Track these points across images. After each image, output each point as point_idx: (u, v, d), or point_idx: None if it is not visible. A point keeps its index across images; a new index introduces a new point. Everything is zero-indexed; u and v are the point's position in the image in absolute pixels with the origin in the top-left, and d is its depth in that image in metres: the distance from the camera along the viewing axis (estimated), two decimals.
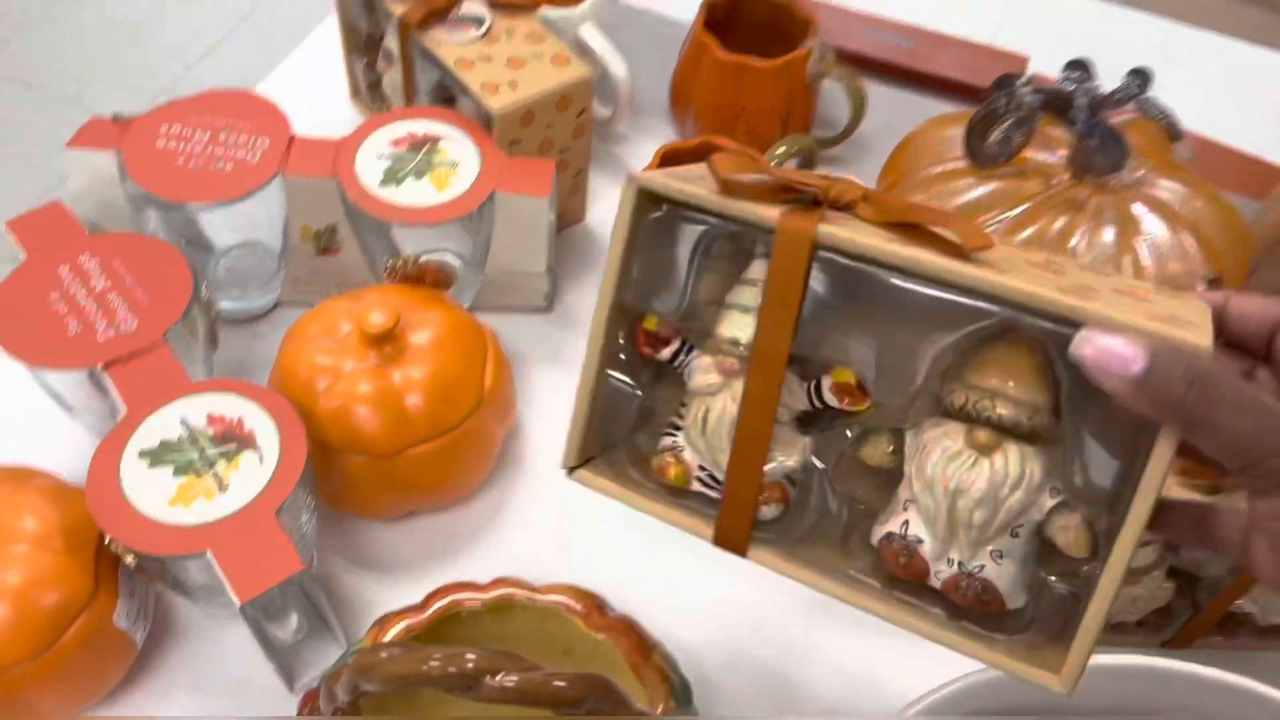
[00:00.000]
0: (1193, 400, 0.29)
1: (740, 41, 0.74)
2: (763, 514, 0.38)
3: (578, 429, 0.39)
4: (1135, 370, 0.29)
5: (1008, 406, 0.34)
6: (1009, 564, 0.35)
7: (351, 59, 0.75)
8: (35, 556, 0.46)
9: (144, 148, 0.58)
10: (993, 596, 0.35)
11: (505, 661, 0.35)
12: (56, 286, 0.53)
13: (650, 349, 0.39)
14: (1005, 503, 0.35)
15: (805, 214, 0.35)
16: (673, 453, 0.39)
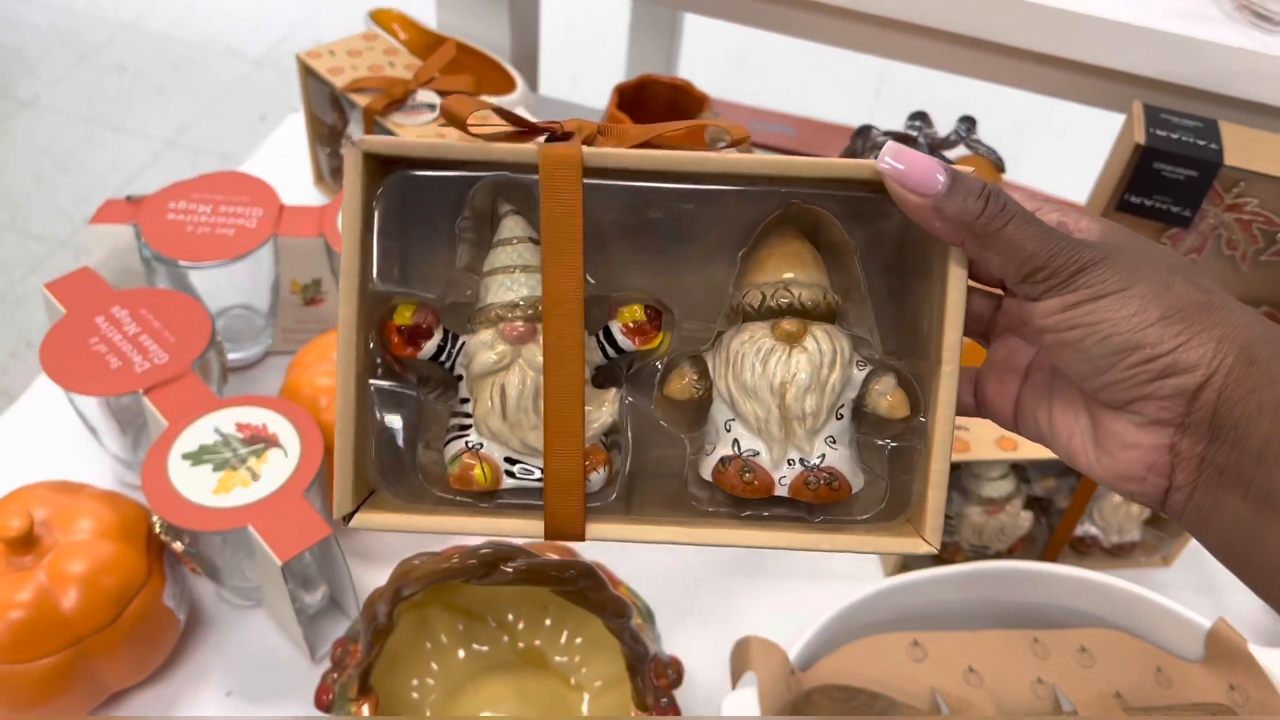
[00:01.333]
0: (987, 216, 0.31)
1: (647, 118, 0.89)
2: (590, 484, 0.35)
3: (345, 465, 0.34)
4: (939, 187, 0.31)
5: (804, 289, 0.35)
6: (843, 447, 0.36)
7: (316, 148, 0.87)
8: (98, 547, 0.55)
9: (157, 221, 0.69)
10: (840, 483, 0.35)
11: (513, 553, 0.46)
12: (95, 333, 0.62)
13: (410, 348, 0.35)
14: (828, 383, 0.35)
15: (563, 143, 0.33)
16: (471, 453, 0.35)
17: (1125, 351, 0.31)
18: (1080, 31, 0.74)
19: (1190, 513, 0.33)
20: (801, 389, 0.34)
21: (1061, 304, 0.32)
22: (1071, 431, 0.35)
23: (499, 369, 0.34)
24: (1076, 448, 0.34)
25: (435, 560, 0.46)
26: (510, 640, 0.60)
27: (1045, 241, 0.32)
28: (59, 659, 0.53)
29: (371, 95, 0.77)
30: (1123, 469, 0.33)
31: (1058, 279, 0.32)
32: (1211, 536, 0.33)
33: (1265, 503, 0.30)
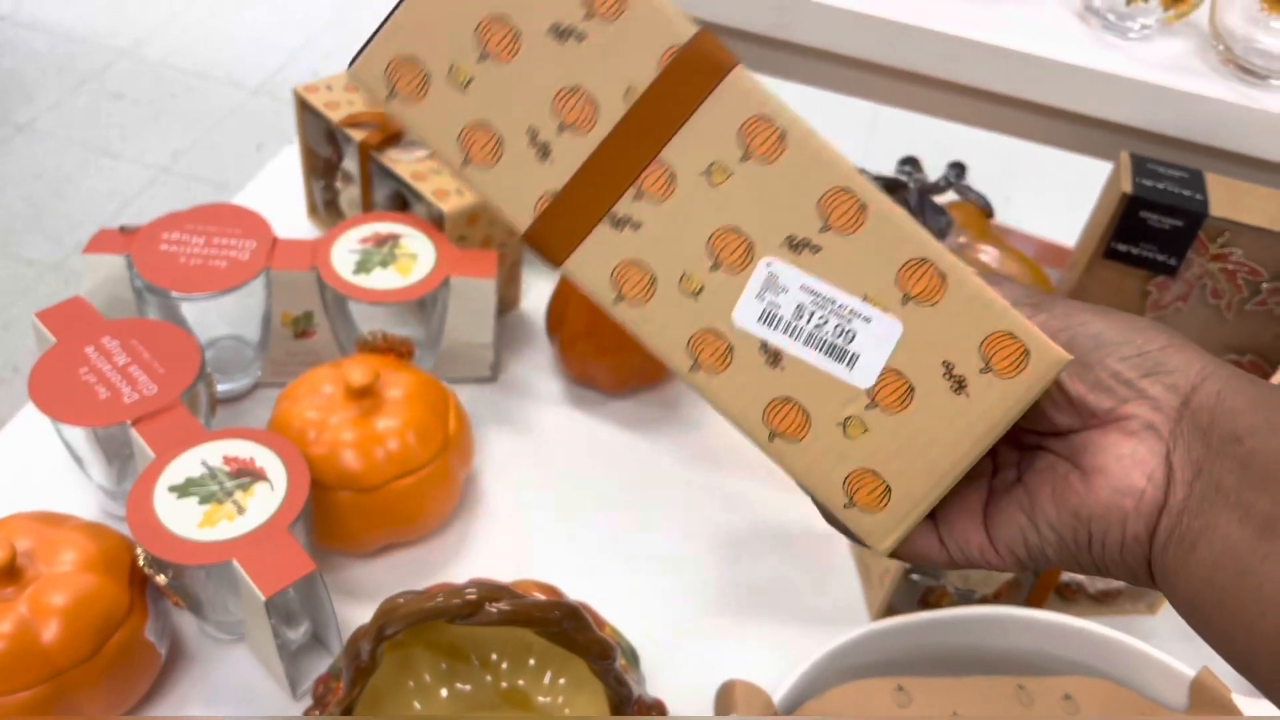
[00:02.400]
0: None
1: None
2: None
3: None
4: None
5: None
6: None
7: (311, 181, 0.87)
8: (80, 579, 0.54)
9: (150, 251, 0.69)
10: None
11: (497, 593, 0.45)
12: (85, 363, 0.62)
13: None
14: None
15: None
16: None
17: (1116, 345, 0.32)
18: (1069, 81, 0.75)
19: (1175, 542, 0.31)
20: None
21: (1050, 314, 0.33)
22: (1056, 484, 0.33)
23: None
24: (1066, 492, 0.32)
25: (420, 599, 0.45)
26: (493, 680, 0.60)
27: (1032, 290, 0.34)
28: (37, 692, 0.52)
29: (367, 130, 0.78)
30: (1119, 482, 0.31)
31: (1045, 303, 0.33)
32: (1195, 570, 0.30)
33: (1266, 528, 0.29)
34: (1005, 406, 0.31)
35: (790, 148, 0.30)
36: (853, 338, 0.31)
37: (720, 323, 0.31)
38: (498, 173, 0.31)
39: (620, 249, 0.30)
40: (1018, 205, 2.27)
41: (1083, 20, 0.78)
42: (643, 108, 0.29)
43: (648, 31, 0.29)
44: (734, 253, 0.30)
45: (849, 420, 0.31)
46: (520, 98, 0.30)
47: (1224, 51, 0.74)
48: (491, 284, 0.73)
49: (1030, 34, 0.76)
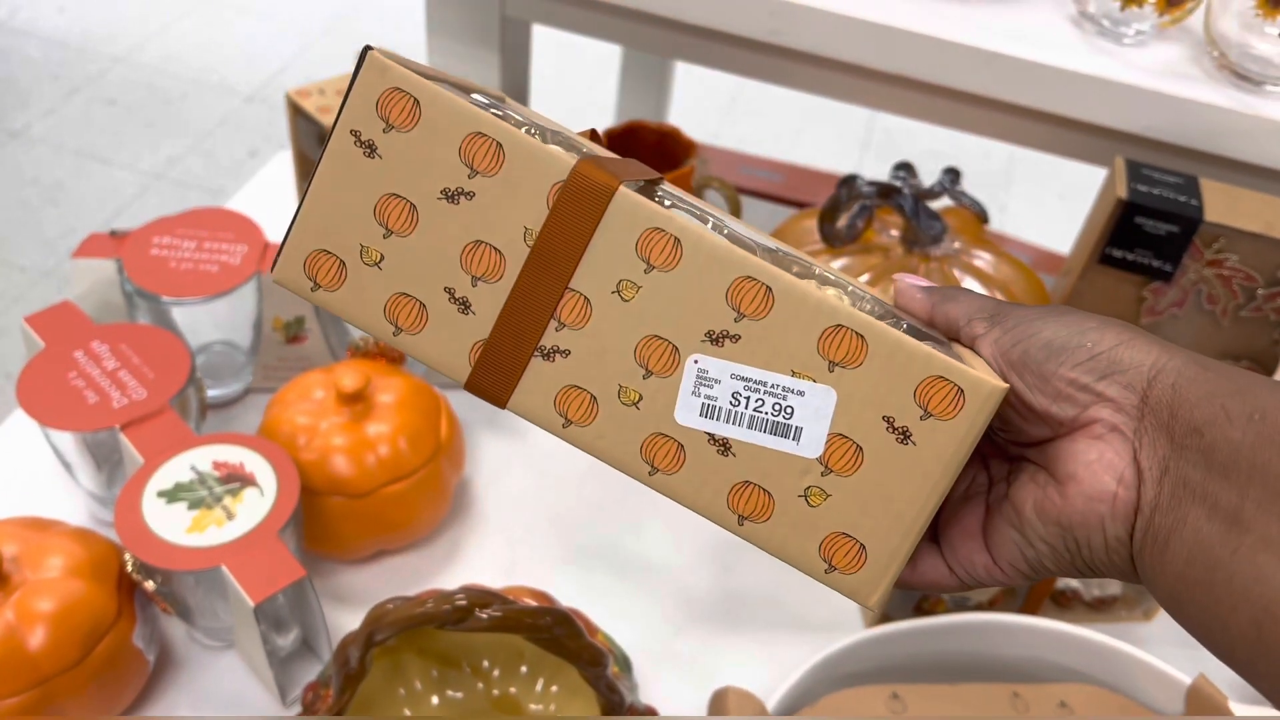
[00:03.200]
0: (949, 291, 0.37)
1: None
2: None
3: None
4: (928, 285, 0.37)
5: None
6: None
7: (303, 186, 0.87)
8: (67, 585, 0.54)
9: (140, 256, 0.69)
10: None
11: (488, 598, 0.45)
12: (74, 367, 0.62)
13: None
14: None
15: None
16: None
17: (1068, 351, 0.32)
18: (1064, 87, 0.75)
19: (1150, 541, 0.31)
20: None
21: (1001, 329, 0.34)
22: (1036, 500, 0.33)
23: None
24: (1045, 503, 0.33)
25: (409, 605, 0.45)
26: (485, 687, 0.60)
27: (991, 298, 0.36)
28: (23, 699, 0.52)
29: None
30: (1090, 488, 0.32)
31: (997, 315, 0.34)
32: (1169, 566, 0.30)
33: (1234, 521, 0.29)
34: (954, 447, 0.31)
35: (686, 251, 0.31)
36: (792, 413, 0.31)
37: (665, 425, 0.32)
38: (428, 335, 0.32)
39: (556, 378, 0.32)
40: (1012, 213, 2.27)
41: (1077, 26, 0.78)
42: (543, 245, 0.31)
43: (530, 175, 0.30)
44: (661, 358, 0.31)
45: (809, 490, 0.32)
46: (431, 263, 0.31)
47: (1219, 57, 0.74)
48: None
49: (1025, 39, 0.76)
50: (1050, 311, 0.34)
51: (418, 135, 0.30)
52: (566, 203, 0.30)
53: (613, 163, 0.33)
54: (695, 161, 0.87)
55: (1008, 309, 0.34)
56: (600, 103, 2.42)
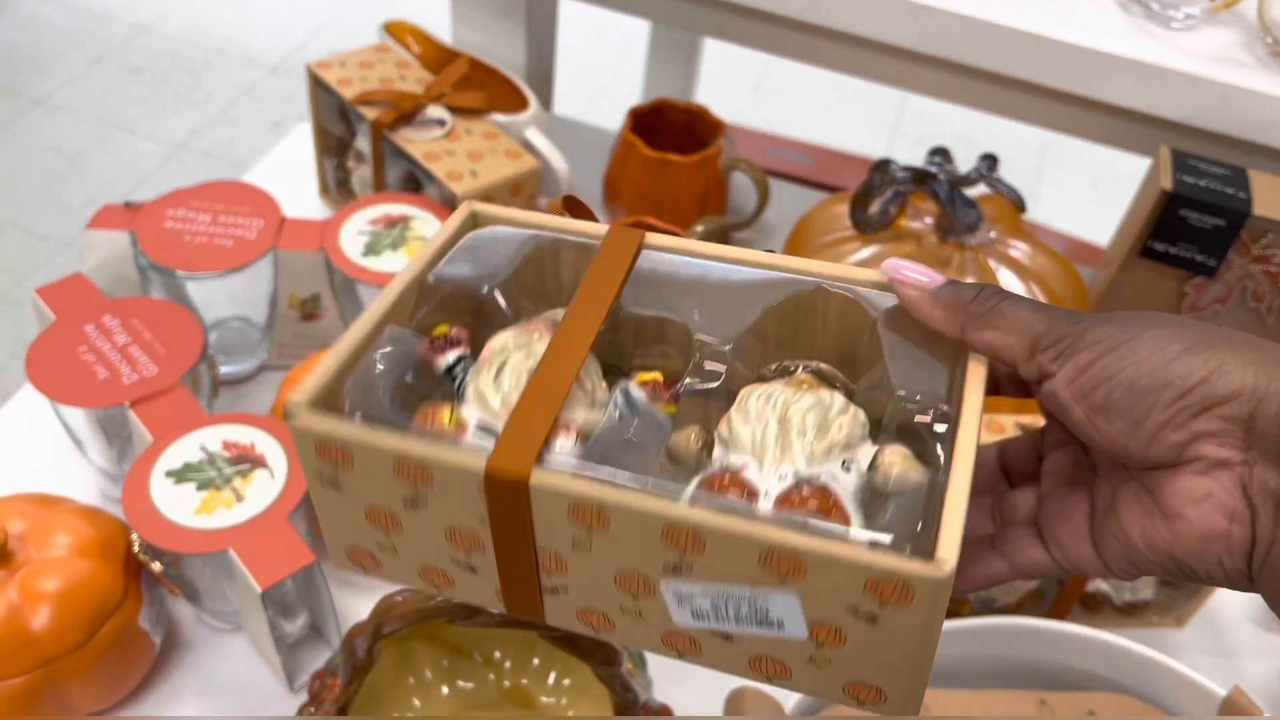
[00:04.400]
0: (981, 298, 0.32)
1: (661, 143, 0.87)
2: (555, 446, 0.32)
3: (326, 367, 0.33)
4: (937, 281, 0.33)
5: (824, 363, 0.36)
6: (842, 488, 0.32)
7: (323, 159, 0.85)
8: (73, 564, 0.53)
9: (154, 228, 0.67)
10: (835, 502, 0.31)
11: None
12: (84, 342, 0.61)
13: (435, 353, 0.36)
14: (834, 423, 0.33)
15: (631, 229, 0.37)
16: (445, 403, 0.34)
17: (1155, 392, 0.29)
18: (1108, 72, 0.72)
19: (1268, 571, 0.29)
20: (804, 408, 0.33)
21: (1076, 367, 0.31)
22: (1143, 526, 0.31)
23: (504, 351, 0.35)
24: (1154, 537, 0.31)
25: (419, 597, 0.44)
26: (496, 679, 0.58)
27: (1043, 311, 0.32)
28: (26, 680, 0.51)
29: (380, 109, 0.76)
30: (1202, 528, 0.30)
31: (1064, 343, 0.31)
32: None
33: None
34: (920, 622, 0.30)
35: (612, 516, 0.31)
36: (768, 611, 0.32)
37: (671, 626, 0.33)
38: (460, 589, 0.36)
39: (569, 605, 0.35)
40: (1043, 200, 2.23)
41: (1124, 8, 0.75)
42: (497, 528, 0.33)
43: (457, 483, 0.32)
44: (639, 586, 0.33)
45: (813, 658, 0.32)
46: (429, 545, 0.34)
47: (1273, 44, 0.71)
48: None
49: (1068, 21, 0.73)
50: (1123, 333, 0.31)
51: (359, 471, 0.33)
52: (495, 500, 0.32)
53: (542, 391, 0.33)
54: (723, 142, 0.84)
55: (1072, 334, 0.31)
56: (627, 80, 2.39)
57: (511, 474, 0.31)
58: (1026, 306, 0.32)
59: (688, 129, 0.89)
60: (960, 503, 0.30)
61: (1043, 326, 0.31)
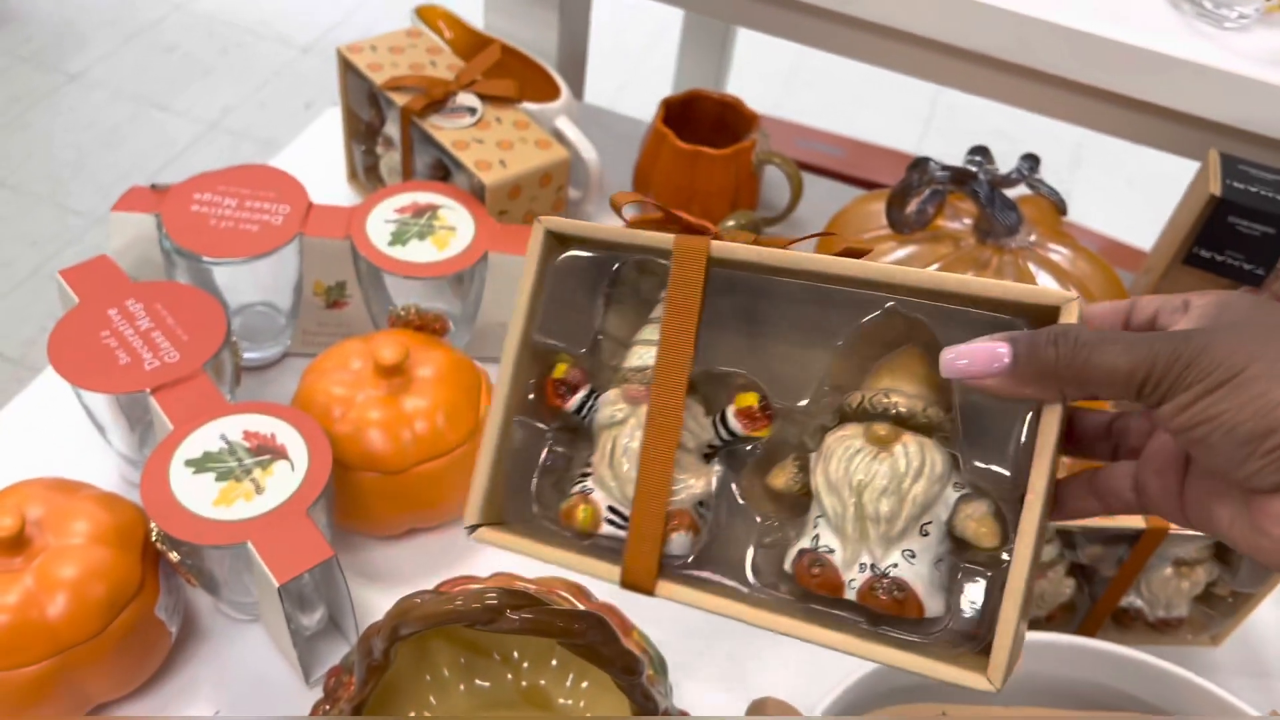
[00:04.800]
0: (1064, 358, 0.31)
1: (693, 135, 0.86)
2: (672, 544, 0.37)
3: (481, 483, 0.39)
4: (1005, 360, 0.32)
5: (902, 398, 0.35)
6: (921, 565, 0.34)
7: (351, 145, 0.84)
8: (90, 552, 0.52)
9: (180, 212, 0.67)
10: (908, 596, 0.34)
11: (520, 599, 0.42)
12: (107, 325, 0.60)
13: (559, 399, 0.39)
14: (910, 493, 0.34)
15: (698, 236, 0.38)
16: (581, 495, 0.39)
17: (1256, 439, 0.29)
18: (1156, 72, 0.70)
19: None
20: (878, 491, 0.34)
21: (1177, 406, 0.30)
22: (1232, 518, 0.32)
23: (615, 424, 0.38)
24: (1238, 534, 0.32)
25: (437, 601, 0.43)
26: (514, 678, 0.57)
27: (1138, 352, 0.31)
28: (41, 668, 0.50)
29: (410, 94, 0.75)
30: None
31: (1166, 383, 0.31)
32: None
33: None
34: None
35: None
36: None
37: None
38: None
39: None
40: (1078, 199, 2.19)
41: (1175, 7, 0.73)
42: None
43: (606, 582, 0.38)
44: None
45: None
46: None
47: None
48: None
49: (1115, 19, 0.71)
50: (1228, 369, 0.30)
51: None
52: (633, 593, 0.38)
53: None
54: (756, 135, 0.83)
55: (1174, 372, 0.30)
56: (658, 67, 2.37)
57: (642, 588, 0.37)
58: (1119, 349, 0.31)
59: (720, 120, 0.87)
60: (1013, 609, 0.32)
61: (1142, 370, 0.31)
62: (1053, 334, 0.31)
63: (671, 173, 0.83)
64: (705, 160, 0.81)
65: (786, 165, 0.82)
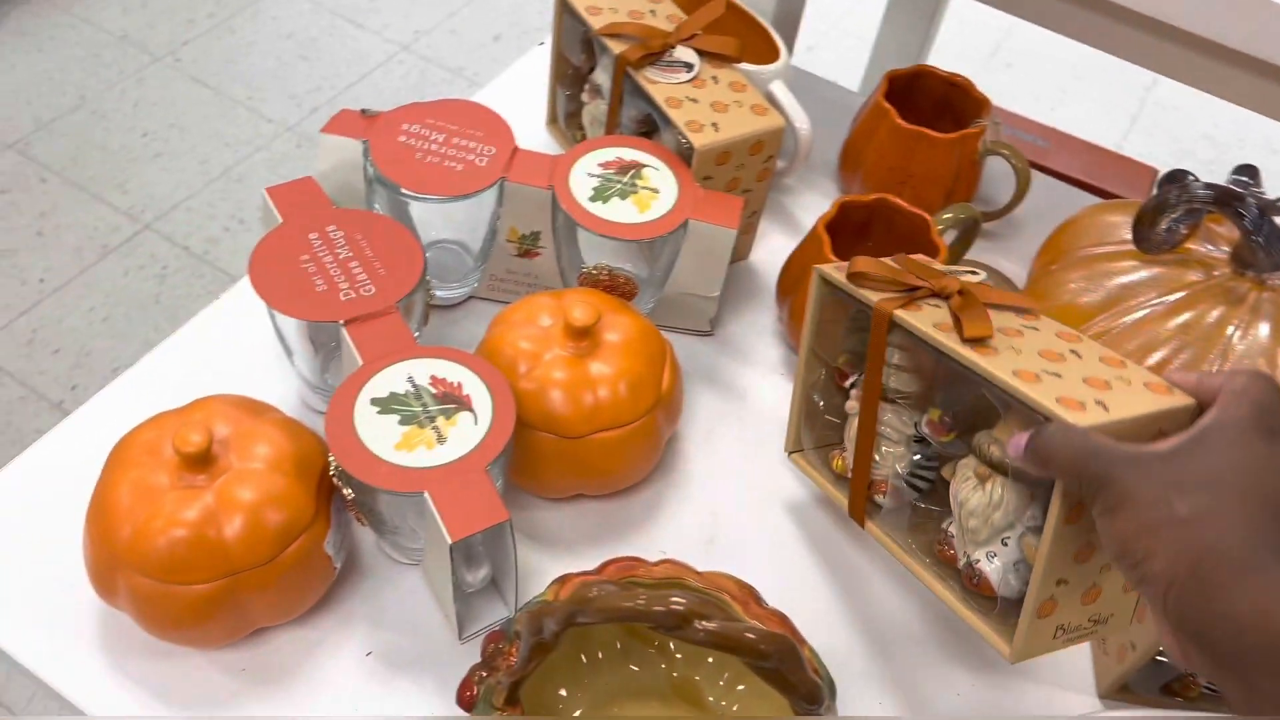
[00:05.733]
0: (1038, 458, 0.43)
1: (912, 114, 0.80)
2: (878, 500, 0.57)
3: (793, 425, 0.63)
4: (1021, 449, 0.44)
5: (999, 449, 0.49)
6: (998, 563, 0.50)
7: (556, 88, 0.82)
8: (269, 478, 0.52)
9: (388, 141, 0.66)
10: (982, 581, 0.50)
11: (709, 608, 0.40)
12: (307, 250, 0.60)
13: (840, 380, 0.61)
14: (990, 518, 0.49)
15: (895, 300, 0.53)
16: (839, 450, 0.60)
17: (1122, 557, 0.39)
18: None
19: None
20: (969, 513, 0.50)
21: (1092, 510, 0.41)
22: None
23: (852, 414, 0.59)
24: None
25: (619, 595, 0.40)
26: (667, 668, 0.55)
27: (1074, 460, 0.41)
28: (212, 587, 0.50)
29: (627, 43, 0.72)
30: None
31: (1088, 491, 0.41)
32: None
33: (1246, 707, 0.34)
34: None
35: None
36: None
37: None
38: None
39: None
40: None
41: None
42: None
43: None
44: None
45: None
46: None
47: None
48: (731, 235, 0.66)
49: None
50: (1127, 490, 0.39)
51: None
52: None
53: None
54: (986, 122, 0.76)
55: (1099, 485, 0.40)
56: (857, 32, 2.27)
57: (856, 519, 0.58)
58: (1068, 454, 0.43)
59: (946, 102, 0.81)
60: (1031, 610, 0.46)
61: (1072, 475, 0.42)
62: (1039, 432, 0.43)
63: (887, 152, 0.77)
64: (927, 143, 0.75)
65: (1016, 159, 0.76)
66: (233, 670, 0.55)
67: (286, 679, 0.55)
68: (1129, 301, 0.62)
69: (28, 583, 0.57)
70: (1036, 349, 0.49)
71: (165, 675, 0.54)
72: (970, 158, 0.76)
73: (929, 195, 0.77)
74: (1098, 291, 0.63)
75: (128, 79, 2.02)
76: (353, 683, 0.55)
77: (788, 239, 0.80)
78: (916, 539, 0.56)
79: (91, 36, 2.08)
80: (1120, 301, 0.62)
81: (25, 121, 1.91)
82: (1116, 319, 0.62)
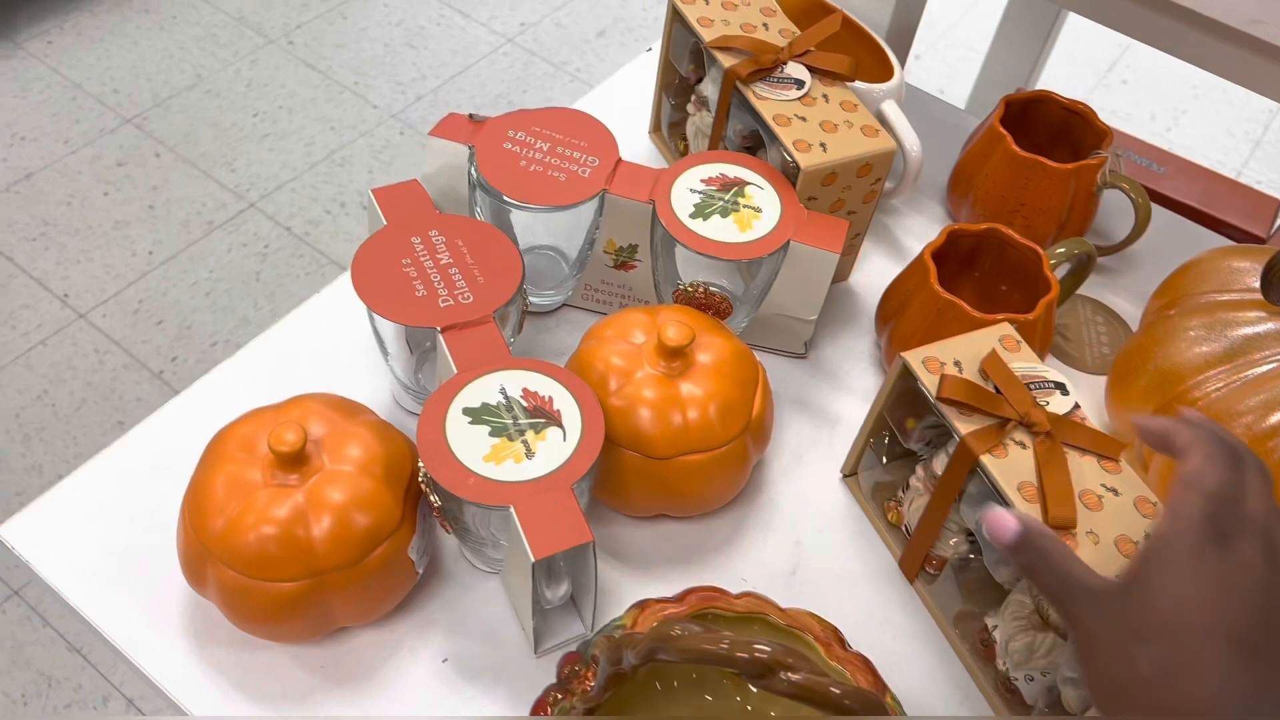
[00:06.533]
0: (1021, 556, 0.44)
1: (1027, 140, 0.77)
2: (929, 570, 0.61)
3: (855, 452, 0.64)
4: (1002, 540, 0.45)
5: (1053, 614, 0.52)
6: (1033, 686, 0.53)
7: (662, 97, 0.81)
8: (359, 481, 0.52)
9: (493, 147, 0.66)
10: (1017, 697, 0.55)
11: (794, 658, 0.39)
12: (409, 253, 0.60)
13: (905, 438, 0.62)
14: (1034, 655, 0.53)
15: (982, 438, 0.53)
16: (896, 502, 0.63)
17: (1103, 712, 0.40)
18: None
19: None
20: (1013, 648, 0.54)
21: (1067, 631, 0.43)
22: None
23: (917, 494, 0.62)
24: None
25: (704, 638, 0.39)
26: (741, 700, 0.54)
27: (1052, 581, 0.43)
28: (298, 585, 0.51)
29: (738, 58, 0.70)
30: None
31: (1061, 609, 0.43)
32: None
33: None
34: None
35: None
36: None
37: None
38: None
39: None
40: None
41: None
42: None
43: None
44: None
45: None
46: None
47: None
48: (833, 259, 0.64)
49: None
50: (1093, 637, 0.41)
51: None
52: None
53: None
54: (1106, 153, 0.74)
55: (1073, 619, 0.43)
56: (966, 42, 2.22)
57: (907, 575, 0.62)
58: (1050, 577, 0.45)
59: (1064, 129, 0.78)
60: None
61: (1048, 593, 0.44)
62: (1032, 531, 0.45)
63: (999, 179, 0.75)
64: (1043, 172, 0.73)
65: (1137, 194, 0.73)
66: (312, 667, 0.55)
67: (363, 680, 0.55)
68: (1252, 354, 0.59)
69: (126, 563, 0.58)
70: (1113, 536, 0.50)
71: (246, 667, 0.55)
72: (1087, 189, 0.74)
73: (1041, 226, 0.75)
74: (1218, 341, 0.60)
75: (242, 59, 2.07)
76: (427, 688, 0.55)
77: (890, 262, 0.78)
78: (961, 626, 0.59)
79: (210, 17, 2.15)
80: (1243, 354, 0.59)
81: (145, 97, 1.98)
82: (1238, 372, 0.59)
